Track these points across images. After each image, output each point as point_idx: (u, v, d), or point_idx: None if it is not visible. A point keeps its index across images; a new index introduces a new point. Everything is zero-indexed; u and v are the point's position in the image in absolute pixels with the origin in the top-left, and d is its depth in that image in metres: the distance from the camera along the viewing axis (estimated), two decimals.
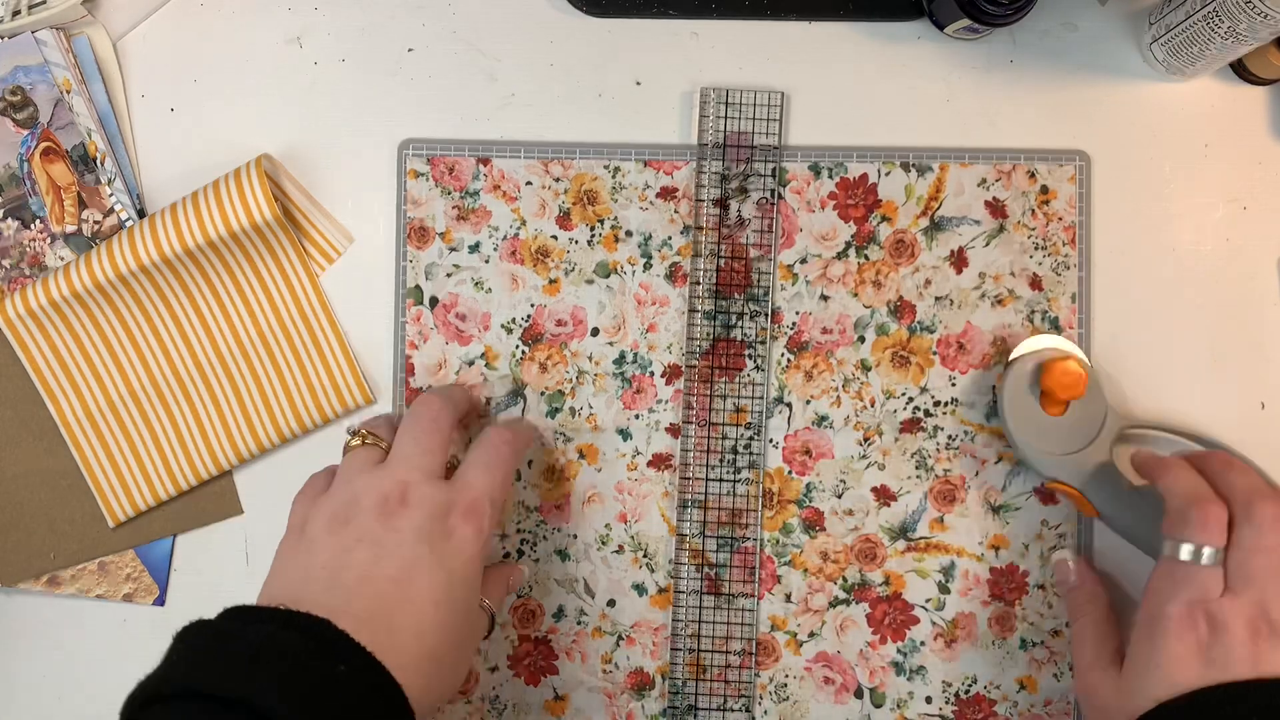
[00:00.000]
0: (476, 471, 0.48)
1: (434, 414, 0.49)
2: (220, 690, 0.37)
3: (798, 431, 0.55)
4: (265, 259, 0.55)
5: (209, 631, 0.40)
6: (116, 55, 0.57)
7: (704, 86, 0.55)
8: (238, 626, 0.40)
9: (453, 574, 0.45)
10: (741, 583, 0.55)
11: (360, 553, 0.44)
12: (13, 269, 0.56)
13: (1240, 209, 0.56)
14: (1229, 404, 0.55)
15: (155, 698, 0.38)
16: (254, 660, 0.38)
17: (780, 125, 0.55)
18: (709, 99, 0.55)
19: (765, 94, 0.55)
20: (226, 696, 0.37)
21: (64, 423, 0.56)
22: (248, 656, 0.38)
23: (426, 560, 0.44)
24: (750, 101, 0.55)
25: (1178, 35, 0.52)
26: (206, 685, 0.37)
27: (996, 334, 0.55)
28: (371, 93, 0.57)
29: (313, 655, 0.39)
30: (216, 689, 0.37)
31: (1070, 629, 0.53)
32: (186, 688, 0.37)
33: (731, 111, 0.55)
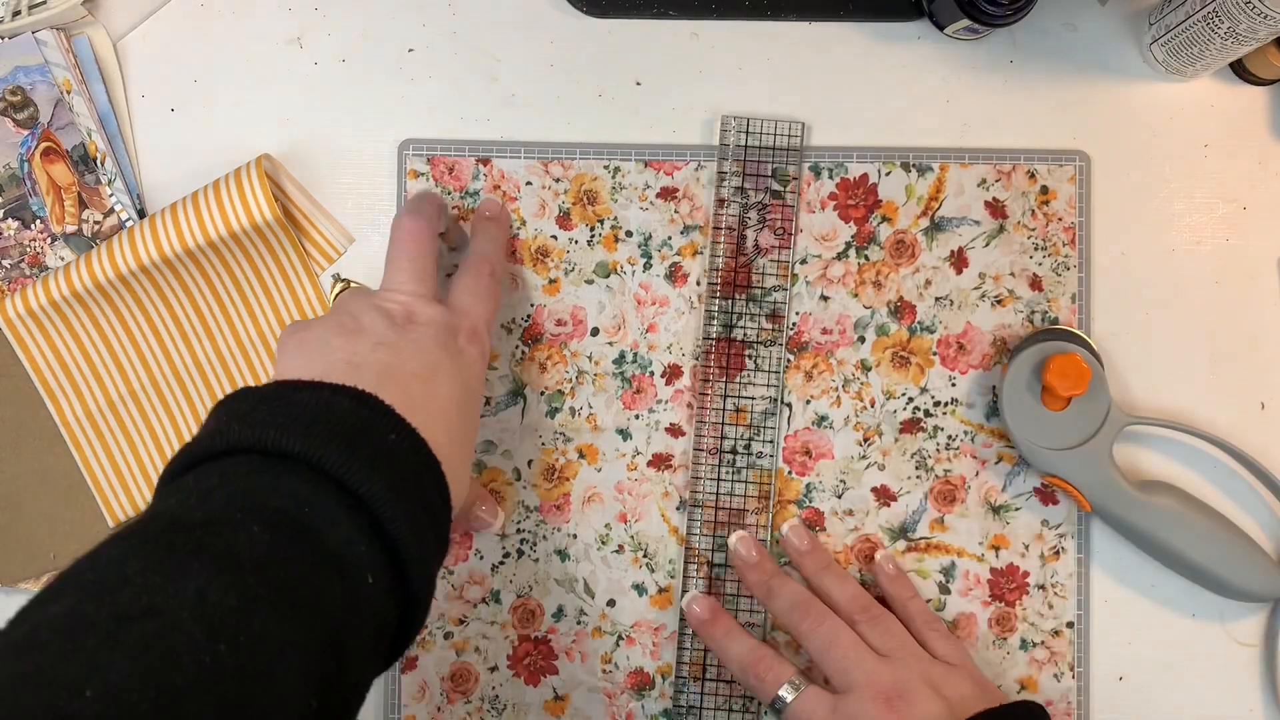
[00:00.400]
0: (469, 299, 0.48)
1: (416, 238, 0.48)
2: (278, 446, 0.35)
3: (798, 432, 0.55)
4: (265, 259, 0.55)
5: (256, 396, 0.38)
6: (116, 55, 0.57)
7: (724, 114, 0.55)
8: (286, 392, 0.38)
9: (468, 386, 0.44)
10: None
11: (382, 354, 0.42)
12: (13, 269, 0.56)
13: (1240, 209, 0.56)
14: (1229, 404, 0.55)
15: (205, 456, 0.36)
16: (311, 420, 0.36)
17: (800, 155, 0.55)
18: (729, 127, 0.55)
19: (786, 124, 0.55)
20: (285, 453, 0.35)
21: (64, 423, 0.56)
22: (304, 417, 0.37)
23: (446, 365, 0.44)
24: (770, 130, 0.55)
25: (1178, 35, 0.52)
26: (262, 443, 0.36)
27: (996, 334, 0.55)
28: (371, 93, 0.57)
29: (366, 421, 0.38)
30: (274, 446, 0.35)
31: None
32: (240, 445, 0.36)
33: (751, 140, 0.55)
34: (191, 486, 0.35)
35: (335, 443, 0.36)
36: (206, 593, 0.31)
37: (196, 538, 0.32)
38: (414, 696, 0.55)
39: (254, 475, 0.35)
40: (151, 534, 0.33)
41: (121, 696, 0.28)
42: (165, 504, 0.35)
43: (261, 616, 0.31)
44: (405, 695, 0.55)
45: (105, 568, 0.31)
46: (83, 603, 0.30)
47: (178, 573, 0.31)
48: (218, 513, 0.33)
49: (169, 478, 0.37)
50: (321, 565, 0.34)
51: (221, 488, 0.35)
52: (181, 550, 0.32)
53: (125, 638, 0.29)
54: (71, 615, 0.30)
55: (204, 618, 0.30)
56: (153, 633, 0.29)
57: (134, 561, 0.31)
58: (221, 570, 0.31)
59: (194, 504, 0.34)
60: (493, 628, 0.55)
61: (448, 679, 0.55)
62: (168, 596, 0.30)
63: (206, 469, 0.36)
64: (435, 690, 0.55)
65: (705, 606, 0.53)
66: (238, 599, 0.31)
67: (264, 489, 0.34)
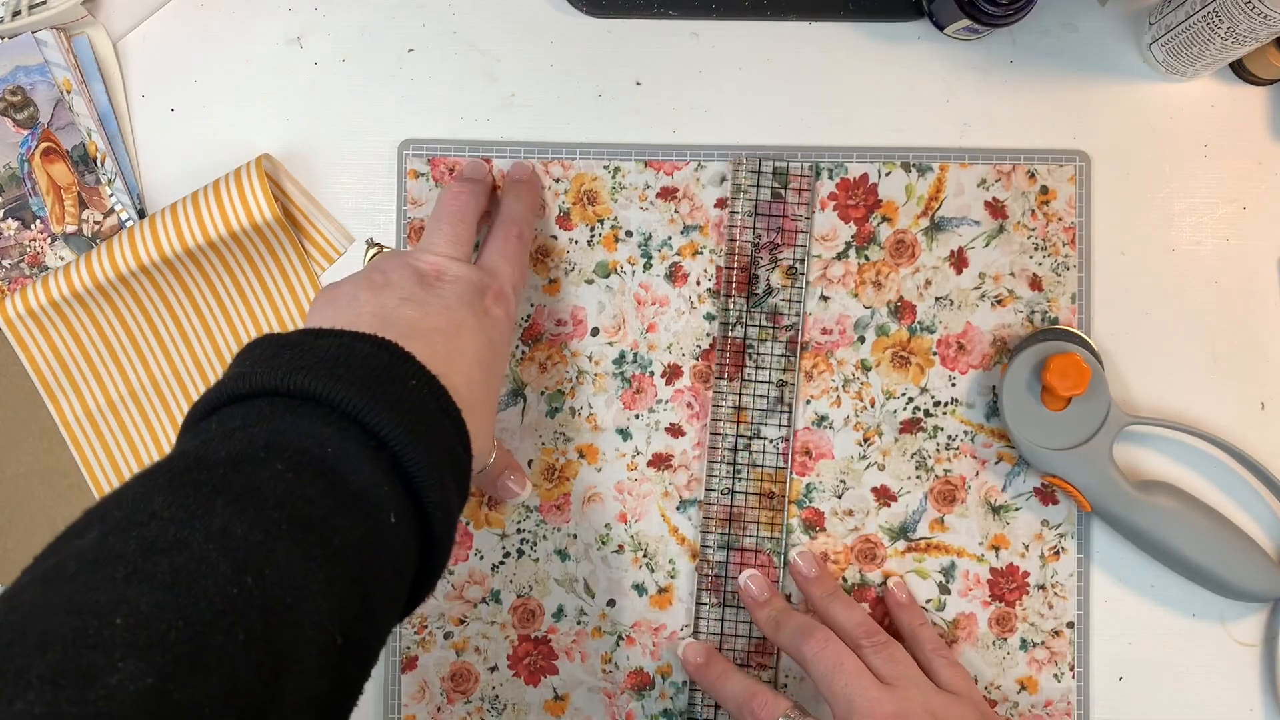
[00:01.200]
0: (498, 260, 0.49)
1: (461, 206, 0.49)
2: (301, 389, 0.36)
3: (798, 432, 0.55)
4: (265, 259, 0.55)
5: (280, 342, 0.39)
6: (116, 55, 0.57)
7: (736, 155, 0.55)
8: (309, 339, 0.39)
9: (493, 343, 0.45)
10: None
11: (407, 309, 0.43)
12: (13, 269, 0.56)
13: (1240, 209, 0.56)
14: (1229, 404, 0.55)
15: (229, 399, 0.37)
16: (332, 364, 0.37)
17: (812, 195, 0.55)
18: (741, 170, 0.55)
19: (800, 165, 0.55)
20: (307, 395, 0.36)
21: (64, 423, 0.56)
22: (326, 361, 0.37)
23: (471, 323, 0.44)
24: (783, 170, 0.55)
25: (1178, 35, 0.52)
26: (284, 385, 0.36)
27: (996, 334, 0.55)
28: (371, 93, 0.57)
29: (386, 366, 0.38)
30: (297, 388, 0.36)
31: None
32: (263, 388, 0.36)
33: (764, 180, 0.55)
34: (215, 428, 0.36)
35: (356, 385, 0.36)
36: (232, 527, 0.31)
37: (220, 475, 0.33)
38: (414, 696, 0.55)
39: (277, 417, 0.35)
40: (177, 471, 0.33)
41: (151, 625, 0.28)
42: (190, 444, 0.35)
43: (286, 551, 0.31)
44: (405, 695, 0.55)
45: (131, 503, 0.32)
46: (110, 536, 0.30)
47: (203, 508, 0.31)
48: (241, 452, 0.34)
49: (192, 421, 0.38)
50: (344, 504, 0.34)
51: (245, 429, 0.35)
52: (206, 487, 0.32)
53: (153, 569, 0.29)
54: (99, 548, 0.30)
55: (230, 551, 0.30)
56: (180, 565, 0.29)
57: (159, 497, 0.32)
58: (245, 506, 0.32)
59: (217, 444, 0.34)
60: (493, 628, 0.55)
61: (448, 679, 0.55)
62: (193, 530, 0.31)
63: (230, 411, 0.36)
64: (435, 690, 0.55)
65: (699, 651, 0.53)
66: (262, 534, 0.31)
67: (287, 430, 0.35)
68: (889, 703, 0.47)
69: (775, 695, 0.50)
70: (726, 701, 0.51)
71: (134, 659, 0.27)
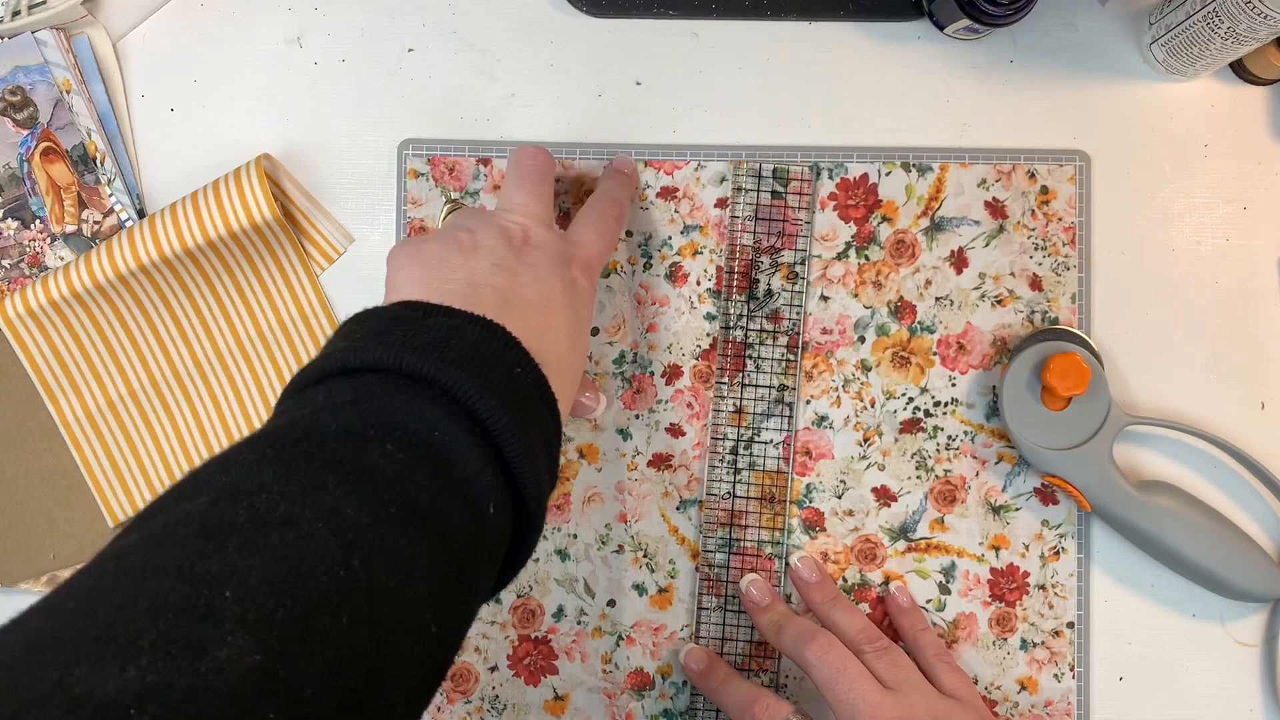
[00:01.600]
0: (588, 233, 0.48)
1: (540, 164, 0.48)
2: (413, 369, 0.35)
3: (798, 432, 0.55)
4: (265, 259, 0.55)
5: (387, 316, 0.38)
6: (116, 55, 0.57)
7: (736, 155, 0.55)
8: (417, 315, 0.38)
9: (579, 316, 0.44)
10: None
11: (499, 277, 0.42)
12: (12, 269, 0.56)
13: (1240, 209, 0.56)
14: (1229, 404, 0.55)
15: (338, 371, 0.36)
16: (444, 346, 0.36)
17: (813, 199, 0.55)
18: (742, 172, 0.55)
19: (800, 168, 0.55)
20: (419, 376, 0.35)
21: (64, 423, 0.56)
22: (437, 341, 0.36)
23: (561, 295, 0.43)
24: (783, 174, 0.55)
25: (1178, 35, 0.52)
26: (397, 363, 0.35)
27: (996, 334, 0.55)
28: (371, 93, 0.57)
29: (495, 353, 0.38)
30: (409, 368, 0.35)
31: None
32: (374, 364, 0.36)
33: (764, 185, 0.55)
34: (322, 400, 0.35)
35: (467, 371, 0.36)
36: (342, 507, 0.31)
37: (331, 450, 0.32)
38: None
39: (388, 395, 0.35)
40: (287, 441, 0.33)
41: (260, 601, 0.28)
42: (297, 413, 0.35)
43: (393, 535, 0.31)
44: None
45: (240, 470, 0.31)
46: (220, 503, 0.30)
47: (314, 484, 0.31)
48: (351, 427, 0.33)
49: (296, 389, 0.37)
50: (449, 491, 0.34)
51: (355, 404, 0.34)
52: (317, 462, 0.32)
53: (264, 543, 0.29)
54: (209, 514, 0.30)
55: (339, 531, 0.30)
56: (291, 542, 0.29)
57: (269, 468, 0.31)
58: (357, 486, 0.31)
59: (327, 417, 0.34)
60: (493, 628, 0.55)
61: (448, 679, 0.55)
62: (304, 507, 0.30)
63: (338, 383, 0.36)
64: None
65: (700, 657, 0.53)
66: (371, 516, 0.31)
67: (397, 409, 0.34)
68: (892, 707, 0.47)
69: (777, 700, 0.49)
70: (728, 707, 0.51)
71: (243, 634, 0.27)
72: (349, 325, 0.39)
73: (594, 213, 0.49)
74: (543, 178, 0.48)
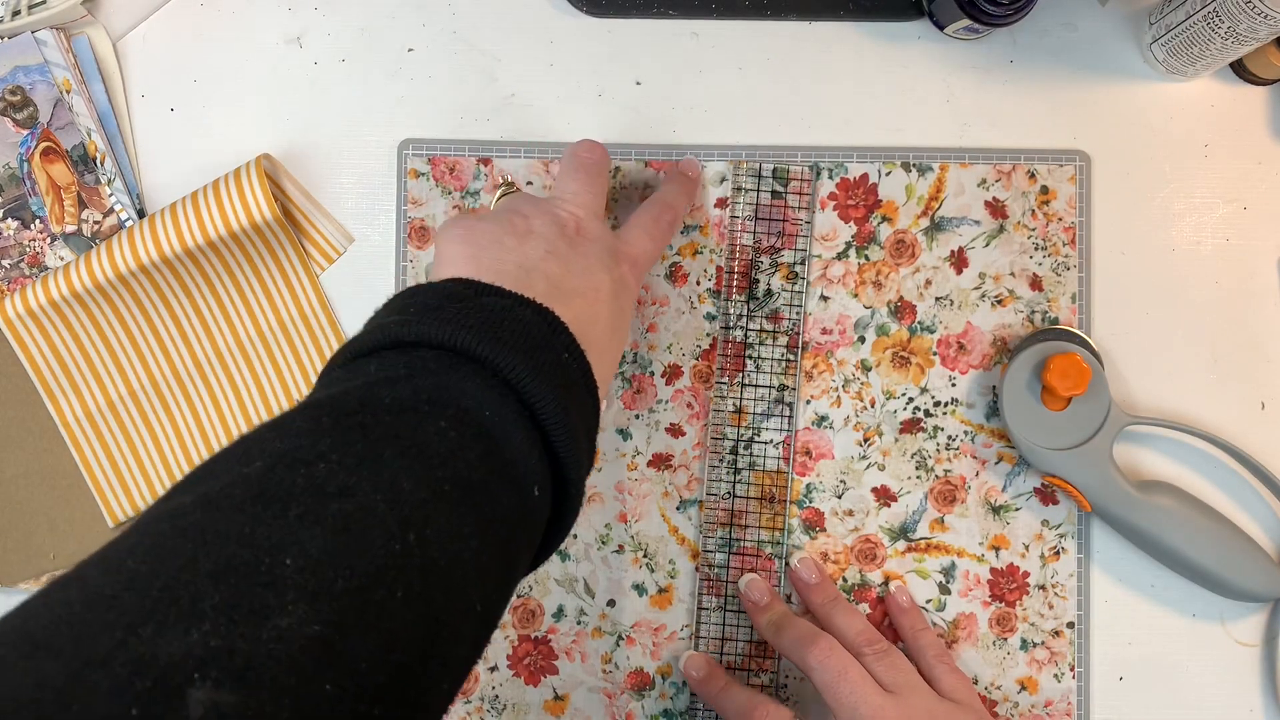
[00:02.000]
0: (639, 233, 0.48)
1: (596, 158, 0.49)
2: (466, 348, 0.36)
3: (798, 432, 0.55)
4: (265, 259, 0.55)
5: (442, 292, 0.38)
6: (116, 55, 0.57)
7: (736, 155, 0.55)
8: (471, 293, 0.39)
9: (623, 312, 0.45)
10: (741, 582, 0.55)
11: (551, 264, 0.42)
12: (12, 269, 0.56)
13: (1240, 209, 0.56)
14: (1229, 404, 0.55)
15: (390, 344, 0.37)
16: (497, 327, 0.37)
17: (813, 199, 0.55)
18: (742, 172, 0.55)
19: (800, 168, 0.55)
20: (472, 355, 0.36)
21: (64, 423, 0.56)
22: (491, 322, 0.37)
23: (608, 288, 0.44)
24: (783, 174, 0.55)
25: (1178, 35, 0.52)
26: (451, 341, 0.36)
27: (996, 334, 0.55)
28: (371, 93, 0.57)
29: (545, 337, 0.38)
30: (462, 346, 0.36)
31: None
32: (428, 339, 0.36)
33: (764, 185, 0.55)
34: (376, 371, 0.35)
35: (520, 353, 0.36)
36: (399, 481, 0.31)
37: (387, 424, 0.33)
38: None
39: (442, 372, 0.35)
40: (344, 411, 0.33)
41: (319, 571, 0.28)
42: (351, 384, 0.35)
43: (446, 513, 0.31)
44: None
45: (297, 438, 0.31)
46: (278, 469, 0.30)
47: (372, 456, 0.31)
48: (406, 402, 0.34)
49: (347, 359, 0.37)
50: (499, 471, 0.34)
51: (410, 378, 0.35)
52: (374, 434, 0.32)
53: (324, 513, 0.29)
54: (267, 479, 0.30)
55: (397, 505, 0.30)
56: (350, 513, 0.29)
57: (326, 437, 0.31)
58: (413, 461, 0.32)
59: (382, 389, 0.34)
60: None
61: None
62: (362, 479, 0.30)
63: (391, 356, 0.36)
64: None
65: (700, 664, 0.53)
66: (428, 492, 0.31)
67: (450, 386, 0.35)
68: (893, 710, 0.47)
69: (777, 706, 0.49)
70: (728, 715, 0.51)
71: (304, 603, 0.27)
72: (402, 299, 0.39)
73: (648, 215, 0.50)
74: (599, 170, 0.49)
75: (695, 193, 0.54)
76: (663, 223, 0.50)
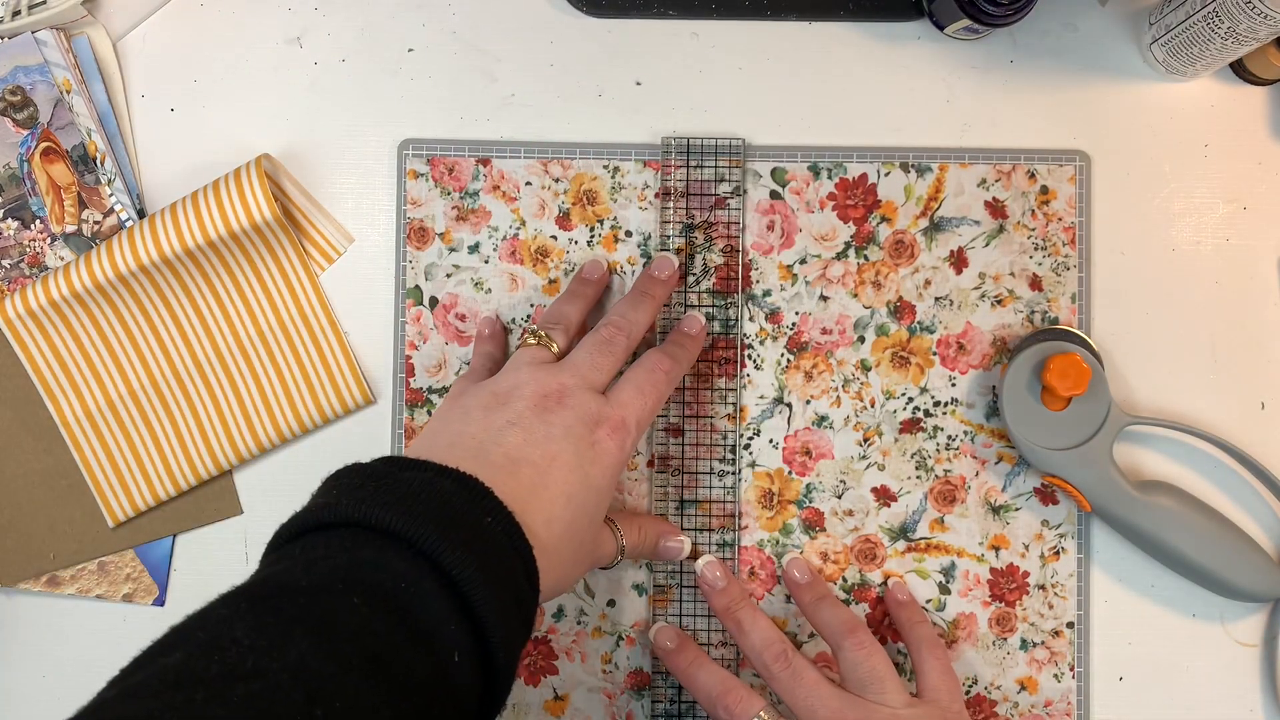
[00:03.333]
0: (631, 392, 0.49)
1: (613, 337, 0.50)
2: (381, 524, 0.37)
3: (797, 432, 0.55)
4: (265, 259, 0.55)
5: (365, 473, 0.41)
6: (116, 55, 0.57)
7: (665, 136, 0.55)
8: (394, 470, 0.41)
9: (588, 478, 0.45)
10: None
11: (511, 434, 0.45)
12: (13, 269, 0.56)
13: (1240, 209, 0.56)
14: (1229, 403, 0.55)
15: (314, 527, 0.38)
16: (413, 500, 0.38)
17: (743, 172, 0.55)
18: (670, 148, 0.55)
19: (727, 140, 0.55)
20: (388, 530, 0.37)
21: (64, 423, 0.56)
22: (407, 496, 0.39)
23: (568, 456, 0.45)
24: (711, 148, 0.55)
25: (1178, 35, 0.52)
26: (367, 519, 0.38)
27: (996, 334, 0.55)
28: (371, 93, 0.57)
29: (465, 504, 0.40)
30: (377, 523, 0.37)
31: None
32: (346, 519, 0.38)
33: (693, 160, 0.55)
34: (298, 555, 0.37)
35: (433, 523, 0.38)
36: (307, 659, 0.32)
37: (300, 605, 0.34)
38: None
39: (357, 549, 0.37)
40: (259, 597, 0.35)
41: None
42: (273, 570, 0.37)
43: (355, 685, 0.33)
44: None
45: (215, 627, 0.33)
46: (193, 658, 0.32)
47: (282, 637, 0.33)
48: (321, 582, 0.35)
49: (278, 544, 0.39)
50: (413, 640, 0.35)
51: (326, 559, 0.37)
52: (286, 616, 0.34)
53: (231, 695, 0.30)
54: (182, 669, 0.31)
55: (304, 682, 0.32)
56: (257, 693, 0.31)
57: (241, 623, 0.33)
58: (321, 639, 0.33)
59: (299, 572, 0.36)
60: None
61: None
62: (271, 659, 0.32)
63: (313, 539, 0.38)
64: None
65: (671, 636, 0.53)
66: (335, 666, 0.32)
67: (364, 563, 0.36)
68: (852, 713, 0.48)
69: (750, 692, 0.50)
70: (698, 692, 0.51)
71: None
72: (330, 482, 0.41)
73: (641, 370, 0.50)
74: (612, 350, 0.49)
75: (697, 351, 0.54)
76: (659, 375, 0.50)
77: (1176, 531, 0.52)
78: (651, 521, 0.54)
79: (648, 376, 0.50)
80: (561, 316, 0.52)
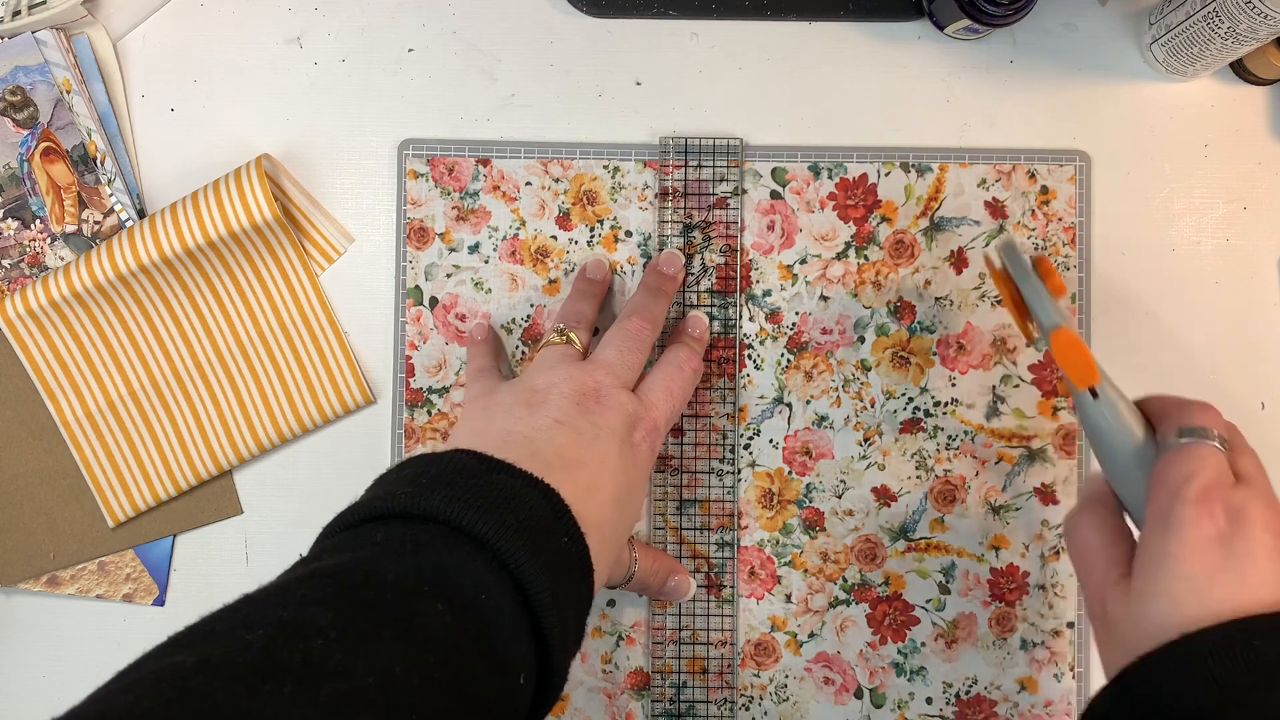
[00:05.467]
0: (660, 394, 0.49)
1: (640, 331, 0.50)
2: (472, 530, 0.37)
3: (797, 432, 0.55)
4: (265, 259, 0.55)
5: (454, 466, 0.40)
6: (116, 55, 0.57)
7: (664, 136, 0.55)
8: (483, 469, 0.40)
9: (631, 482, 0.46)
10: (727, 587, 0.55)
11: (561, 434, 0.44)
12: (13, 269, 0.56)
13: (1240, 209, 0.56)
14: (1229, 404, 0.55)
15: (396, 514, 0.38)
16: (503, 510, 0.38)
17: (742, 172, 0.55)
18: (670, 148, 0.55)
19: (726, 140, 0.55)
20: (477, 536, 0.37)
21: (64, 423, 0.56)
22: (498, 504, 0.38)
23: (615, 459, 0.45)
24: (711, 148, 0.55)
25: (1178, 35, 0.52)
26: (457, 520, 0.37)
27: (996, 334, 0.55)
28: (371, 93, 0.57)
29: (548, 522, 0.39)
30: (468, 527, 0.37)
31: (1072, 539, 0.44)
32: (434, 515, 0.37)
33: (693, 160, 0.55)
34: (381, 541, 0.37)
35: (521, 539, 0.37)
36: (393, 668, 0.32)
37: (388, 603, 0.34)
38: None
39: (446, 551, 0.36)
40: (348, 585, 0.34)
41: None
42: (357, 553, 0.36)
43: (433, 700, 0.32)
44: None
45: (300, 608, 0.33)
46: (278, 640, 0.31)
47: (370, 638, 0.32)
48: (409, 580, 0.35)
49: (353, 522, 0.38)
50: (489, 658, 0.35)
51: (414, 555, 0.36)
52: (375, 612, 0.33)
53: (318, 694, 0.30)
54: (267, 651, 0.31)
55: (387, 692, 0.31)
56: (343, 695, 0.30)
57: (329, 611, 0.33)
58: (409, 645, 0.33)
59: (386, 562, 0.35)
60: None
61: None
62: (358, 659, 0.31)
63: (397, 527, 0.37)
64: None
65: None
66: (419, 679, 0.32)
67: (452, 568, 0.36)
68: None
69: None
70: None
71: None
72: (413, 467, 0.40)
73: (668, 369, 0.50)
74: (640, 345, 0.49)
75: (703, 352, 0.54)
76: (685, 374, 0.50)
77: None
78: (666, 556, 0.54)
79: (677, 375, 0.50)
80: (580, 315, 0.52)
